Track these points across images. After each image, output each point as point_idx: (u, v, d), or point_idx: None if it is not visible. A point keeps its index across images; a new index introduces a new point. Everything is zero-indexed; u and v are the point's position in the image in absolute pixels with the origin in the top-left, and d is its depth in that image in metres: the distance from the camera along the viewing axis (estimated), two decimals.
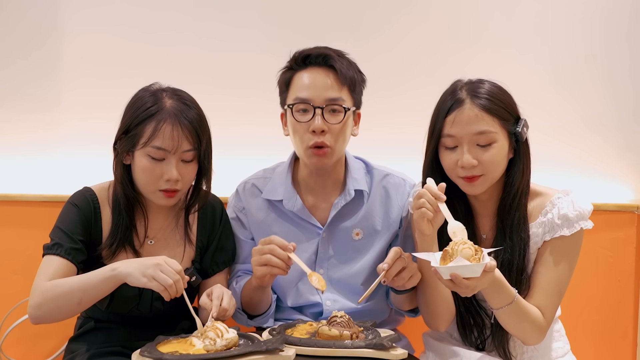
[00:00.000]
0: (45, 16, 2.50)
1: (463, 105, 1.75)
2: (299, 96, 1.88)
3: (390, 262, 1.72)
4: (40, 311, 1.68)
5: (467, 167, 1.74)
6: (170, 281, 1.60)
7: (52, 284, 1.68)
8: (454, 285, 1.56)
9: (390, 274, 1.73)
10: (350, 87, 1.89)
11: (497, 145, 1.75)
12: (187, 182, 1.82)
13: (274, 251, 1.75)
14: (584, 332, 2.47)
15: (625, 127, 2.56)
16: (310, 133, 1.87)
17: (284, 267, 1.75)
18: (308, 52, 1.89)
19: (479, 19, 2.55)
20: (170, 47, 2.52)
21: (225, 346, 1.55)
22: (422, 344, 2.02)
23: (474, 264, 1.53)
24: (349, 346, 1.61)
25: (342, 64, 1.88)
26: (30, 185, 2.49)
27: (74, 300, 1.66)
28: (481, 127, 1.73)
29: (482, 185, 1.77)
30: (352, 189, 1.98)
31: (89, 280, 1.66)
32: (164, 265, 1.61)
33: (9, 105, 2.52)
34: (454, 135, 1.75)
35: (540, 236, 1.79)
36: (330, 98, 1.86)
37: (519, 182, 1.79)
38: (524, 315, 1.72)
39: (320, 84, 1.87)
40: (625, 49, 2.54)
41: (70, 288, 1.66)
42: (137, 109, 1.77)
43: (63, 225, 1.79)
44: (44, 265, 1.74)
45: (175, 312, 1.87)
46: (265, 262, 1.75)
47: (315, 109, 1.86)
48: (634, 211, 2.46)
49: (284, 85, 1.94)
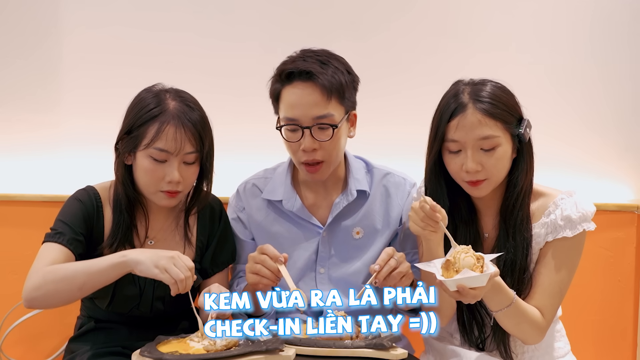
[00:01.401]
0: (45, 16, 2.50)
1: (466, 110, 1.74)
2: (287, 116, 1.86)
3: (381, 264, 1.73)
4: (38, 293, 1.64)
5: (472, 172, 1.74)
6: (182, 276, 1.59)
7: (53, 267, 1.66)
8: (459, 296, 1.57)
9: (382, 275, 1.73)
10: (339, 96, 1.85)
11: (501, 149, 1.74)
12: (188, 183, 1.82)
13: (265, 262, 1.75)
14: (584, 332, 2.47)
15: (626, 127, 2.56)
16: (302, 151, 1.87)
17: (273, 279, 1.75)
18: (291, 68, 1.84)
19: (479, 18, 2.55)
20: (170, 47, 2.51)
21: (225, 346, 1.55)
22: (422, 344, 2.02)
23: (481, 275, 1.53)
24: (349, 346, 1.61)
25: (325, 76, 1.82)
26: (30, 185, 2.49)
27: (75, 284, 1.63)
28: (484, 132, 1.72)
29: (487, 188, 1.77)
30: (354, 190, 1.98)
31: (95, 264, 1.65)
32: (178, 259, 1.61)
33: (9, 105, 2.52)
34: (458, 140, 1.74)
35: (542, 237, 1.79)
36: (318, 116, 1.83)
37: (522, 182, 1.78)
38: (522, 317, 1.72)
39: (305, 102, 1.82)
40: (626, 48, 2.54)
41: (75, 271, 1.64)
42: (140, 110, 1.77)
43: (66, 218, 1.79)
44: (43, 251, 1.73)
45: (175, 312, 1.88)
46: (257, 272, 1.76)
47: (304, 130, 1.84)
48: (634, 211, 2.46)
49: (274, 97, 1.92)
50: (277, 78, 1.89)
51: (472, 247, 1.59)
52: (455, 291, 1.55)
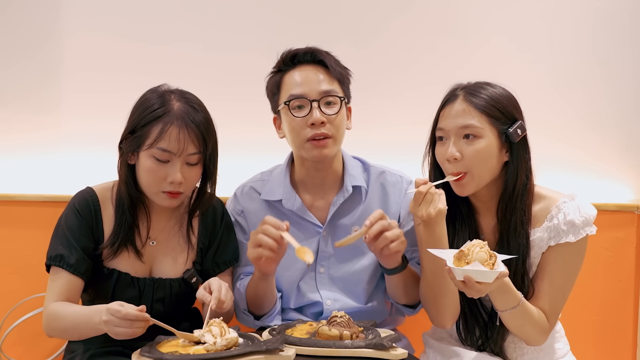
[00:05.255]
0: (47, 19, 2.51)
1: (455, 100, 1.79)
2: (293, 93, 1.89)
3: (372, 220, 1.75)
4: (50, 333, 1.78)
5: (451, 159, 1.76)
6: (131, 331, 1.56)
7: (54, 314, 1.74)
8: (464, 287, 1.58)
9: (372, 231, 1.74)
10: (340, 81, 1.93)
11: (483, 142, 1.76)
12: (190, 185, 1.82)
13: (267, 230, 1.74)
14: (584, 332, 2.47)
15: (626, 126, 2.56)
16: (309, 127, 1.88)
17: (274, 248, 1.74)
18: (295, 51, 1.93)
19: (479, 18, 2.55)
20: (168, 50, 2.52)
21: (225, 346, 1.55)
22: (422, 344, 2.02)
23: (490, 271, 1.54)
24: (349, 346, 1.61)
25: (330, 60, 1.92)
26: (30, 185, 2.49)
27: (73, 336, 1.78)
28: (467, 120, 1.76)
29: (469, 186, 1.78)
30: (350, 185, 1.99)
31: (81, 326, 1.68)
32: (114, 320, 1.56)
33: (10, 105, 2.53)
34: (443, 127, 1.80)
35: (545, 241, 1.79)
36: (325, 90, 1.89)
37: (512, 185, 1.78)
38: (528, 318, 1.73)
39: (312, 78, 1.90)
40: (627, 48, 2.53)
41: (66, 327, 1.72)
42: (145, 110, 1.77)
43: (65, 231, 1.80)
44: (51, 281, 1.79)
45: (175, 314, 1.88)
46: (259, 242, 1.74)
47: (312, 103, 1.88)
48: (634, 211, 2.46)
49: (274, 87, 1.95)
50: (279, 66, 1.95)
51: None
52: (460, 281, 1.57)
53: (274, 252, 1.74)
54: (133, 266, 1.84)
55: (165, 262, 1.88)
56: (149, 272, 1.87)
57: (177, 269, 1.88)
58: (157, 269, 1.87)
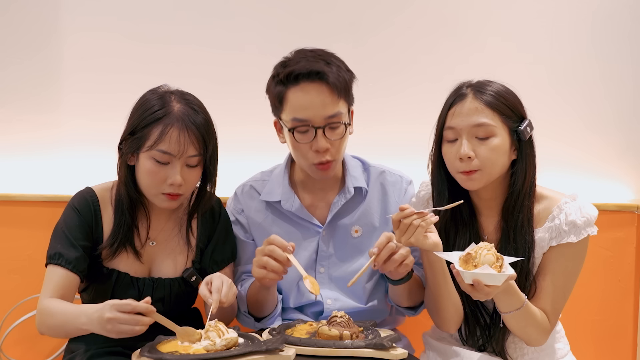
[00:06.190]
0: (47, 19, 2.51)
1: (465, 98, 1.77)
2: (297, 117, 1.84)
3: (380, 247, 1.73)
4: (41, 330, 1.76)
5: (464, 158, 1.74)
6: (137, 329, 1.55)
7: (45, 310, 1.72)
8: (472, 290, 1.58)
9: (381, 258, 1.73)
10: (345, 94, 1.86)
11: (496, 140, 1.75)
12: (190, 186, 1.82)
13: (274, 253, 1.74)
14: (584, 332, 2.47)
15: (626, 126, 2.56)
16: (313, 152, 1.86)
17: (280, 271, 1.75)
18: (298, 70, 1.82)
19: (479, 17, 2.55)
20: (168, 49, 2.52)
21: (225, 346, 1.55)
22: (422, 344, 2.02)
23: (499, 274, 1.54)
24: (349, 346, 1.61)
25: (333, 75, 1.82)
26: (30, 185, 2.49)
27: (60, 334, 1.77)
28: (480, 119, 1.74)
29: (480, 181, 1.77)
30: (352, 187, 1.99)
31: (67, 324, 1.68)
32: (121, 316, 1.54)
33: (10, 105, 2.52)
34: (454, 127, 1.77)
35: (546, 241, 1.79)
36: (329, 115, 1.83)
37: (521, 183, 1.78)
38: (531, 319, 1.73)
39: (316, 103, 1.82)
40: (627, 48, 2.53)
41: (55, 324, 1.71)
42: (145, 111, 1.76)
43: (65, 230, 1.80)
44: (47, 277, 1.77)
45: (175, 313, 1.87)
46: (264, 265, 1.75)
47: (317, 130, 1.84)
48: (634, 211, 2.46)
49: (277, 100, 1.88)
50: (280, 80, 1.86)
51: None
52: (469, 284, 1.57)
53: (279, 277, 1.76)
54: (132, 266, 1.84)
55: (165, 263, 1.88)
56: (148, 273, 1.87)
57: (177, 270, 1.88)
58: (156, 269, 1.87)
